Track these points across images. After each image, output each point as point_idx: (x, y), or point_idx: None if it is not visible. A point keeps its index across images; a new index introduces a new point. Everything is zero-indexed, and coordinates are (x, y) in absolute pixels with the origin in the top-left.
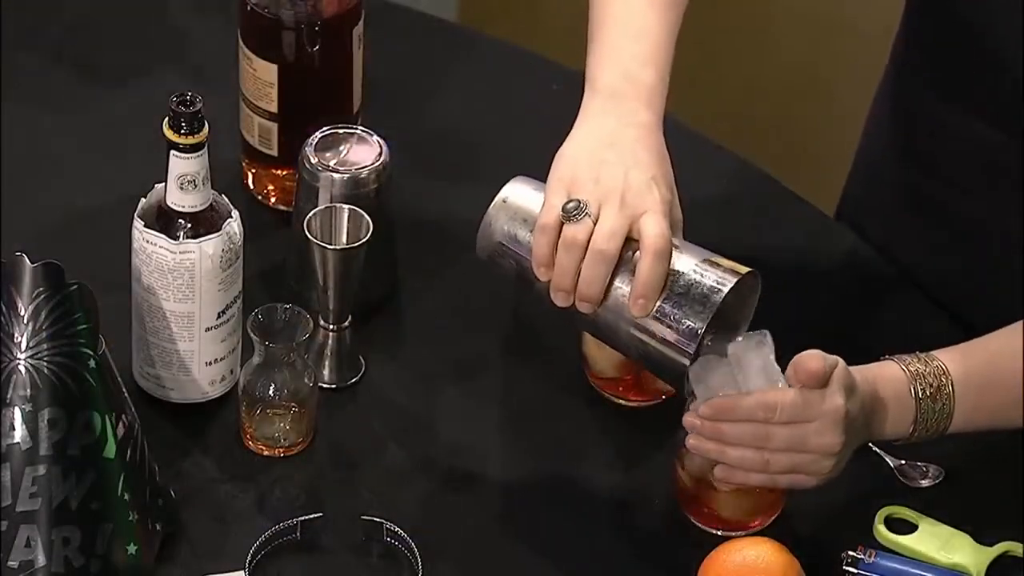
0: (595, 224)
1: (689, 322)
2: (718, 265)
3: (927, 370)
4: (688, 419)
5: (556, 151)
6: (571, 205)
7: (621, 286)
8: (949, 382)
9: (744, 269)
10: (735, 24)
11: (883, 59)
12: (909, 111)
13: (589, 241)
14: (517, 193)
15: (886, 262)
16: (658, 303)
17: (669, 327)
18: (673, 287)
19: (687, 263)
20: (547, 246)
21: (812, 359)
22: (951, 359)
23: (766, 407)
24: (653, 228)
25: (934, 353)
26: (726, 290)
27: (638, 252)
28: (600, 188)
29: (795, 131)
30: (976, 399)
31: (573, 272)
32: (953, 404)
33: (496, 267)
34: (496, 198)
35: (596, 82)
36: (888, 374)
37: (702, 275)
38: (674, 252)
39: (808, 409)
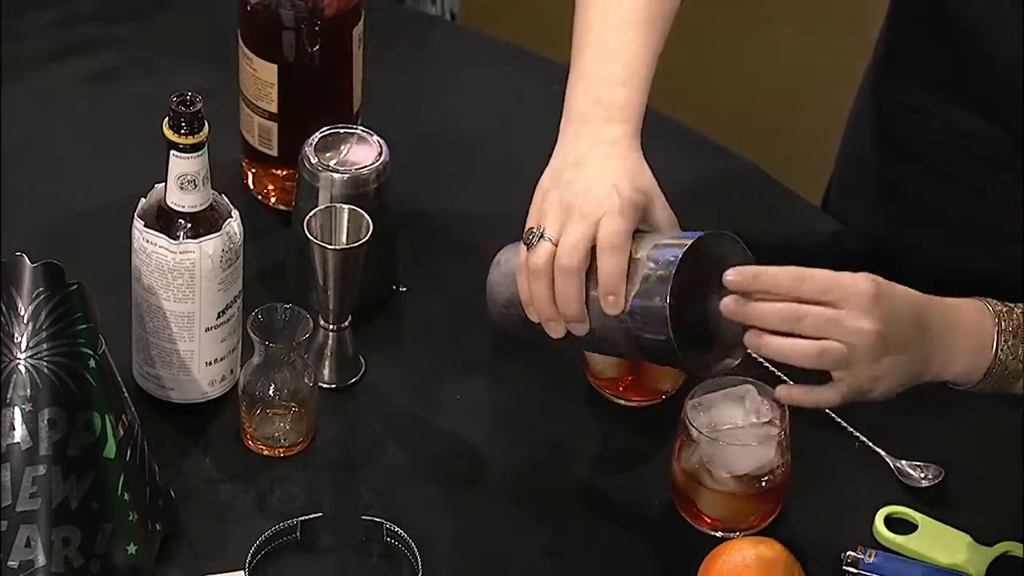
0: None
1: (657, 301)
2: (677, 239)
3: (1011, 311)
4: (727, 303)
5: (555, 152)
6: (528, 234)
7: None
8: None
9: (700, 233)
10: (730, 23)
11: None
12: (892, 103)
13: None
14: (508, 256)
15: (869, 252)
16: (631, 297)
17: (645, 313)
18: (639, 275)
19: (646, 247)
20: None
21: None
22: None
23: (797, 276)
24: (605, 227)
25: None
26: (679, 258)
27: None
28: (562, 208)
29: (788, 126)
30: None
31: (547, 297)
32: None
33: (508, 329)
34: (491, 267)
35: (570, 109)
36: (968, 305)
37: (660, 252)
38: (641, 241)
39: (837, 285)
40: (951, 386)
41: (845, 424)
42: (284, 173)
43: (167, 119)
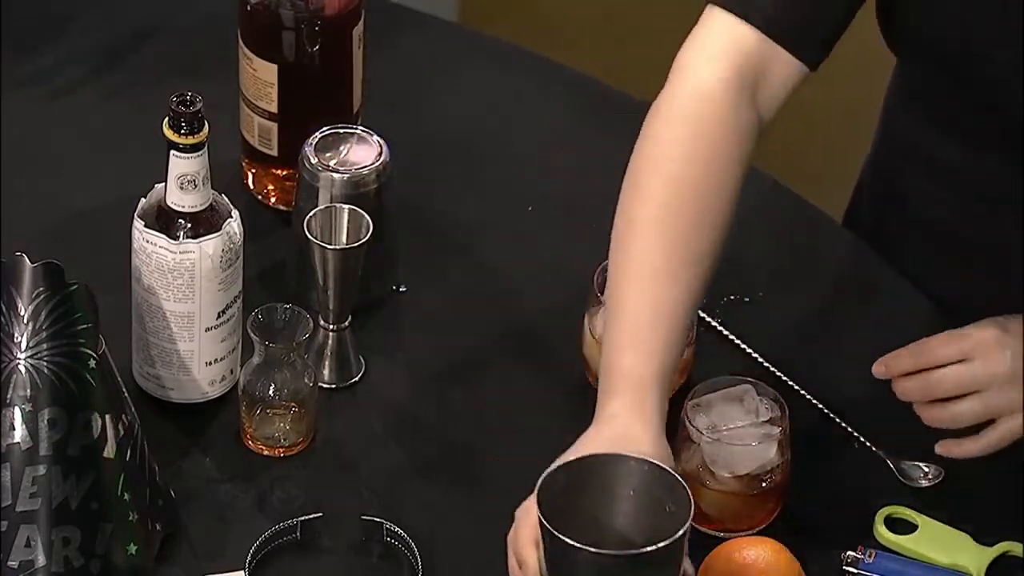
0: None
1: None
2: None
3: None
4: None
5: (555, 152)
6: None
7: None
8: None
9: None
10: None
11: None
12: (904, 139)
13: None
14: None
15: (890, 271)
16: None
17: (549, 551)
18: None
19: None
20: None
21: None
22: None
23: (924, 351)
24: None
25: None
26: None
27: None
28: None
29: (795, 133)
30: None
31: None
32: None
33: None
34: None
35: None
36: None
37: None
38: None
39: (961, 342)
40: None
41: (845, 424)
42: (284, 173)
43: (167, 119)
